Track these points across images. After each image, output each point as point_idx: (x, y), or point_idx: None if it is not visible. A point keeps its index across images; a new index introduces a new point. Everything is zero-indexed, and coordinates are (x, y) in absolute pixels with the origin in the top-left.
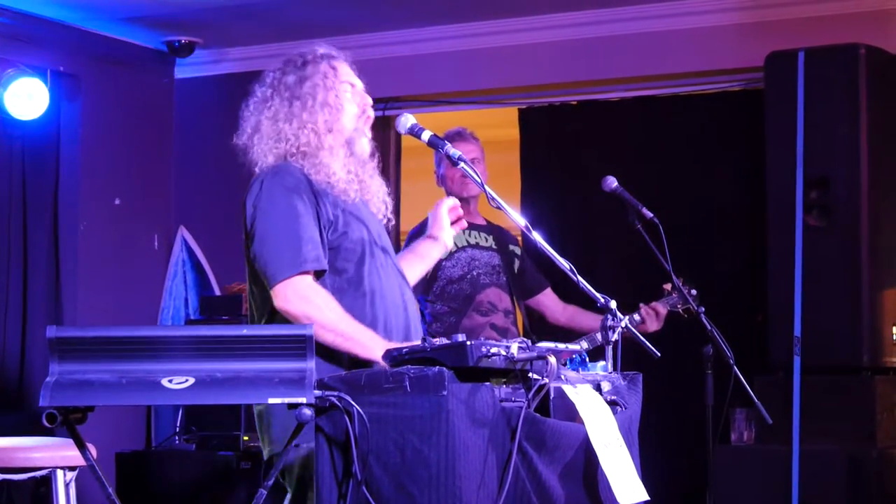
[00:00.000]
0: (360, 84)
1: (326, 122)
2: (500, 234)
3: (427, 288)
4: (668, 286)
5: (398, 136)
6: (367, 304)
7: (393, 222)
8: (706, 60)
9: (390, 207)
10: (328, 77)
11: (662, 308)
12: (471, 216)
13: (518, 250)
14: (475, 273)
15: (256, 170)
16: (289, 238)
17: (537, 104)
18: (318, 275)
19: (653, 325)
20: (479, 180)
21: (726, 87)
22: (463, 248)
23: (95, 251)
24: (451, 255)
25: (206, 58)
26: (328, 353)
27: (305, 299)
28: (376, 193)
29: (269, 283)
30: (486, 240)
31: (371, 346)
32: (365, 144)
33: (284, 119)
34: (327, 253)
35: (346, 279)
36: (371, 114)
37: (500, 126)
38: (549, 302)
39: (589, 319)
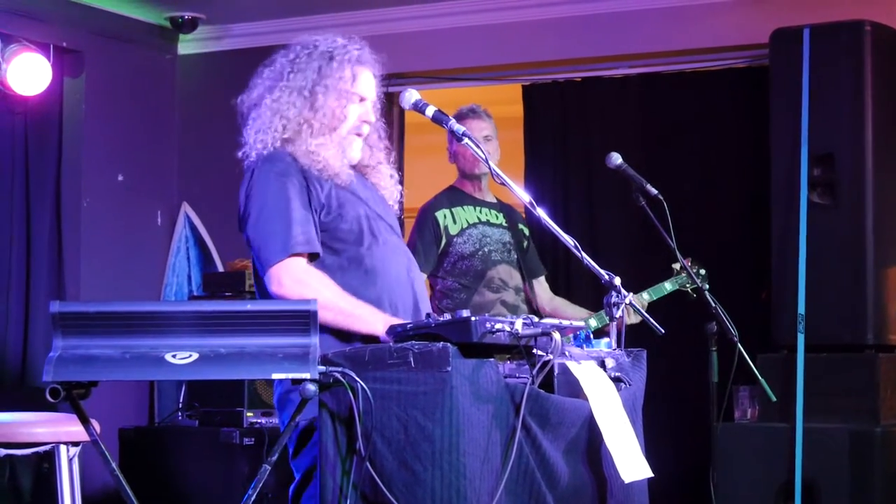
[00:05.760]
0: (371, 97)
1: (324, 125)
2: (510, 213)
3: (437, 264)
4: (676, 265)
5: (402, 112)
6: (370, 282)
7: (399, 207)
8: (711, 37)
9: (399, 193)
10: (345, 82)
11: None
12: (482, 193)
13: (526, 230)
14: (486, 249)
15: (240, 152)
16: (279, 222)
17: (541, 81)
18: (313, 257)
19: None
20: (483, 156)
21: (731, 63)
22: (474, 224)
23: (98, 228)
24: (462, 231)
25: (210, 34)
26: (339, 334)
27: (300, 282)
28: (384, 179)
29: (262, 269)
30: (497, 217)
31: (372, 321)
32: (356, 151)
33: (287, 106)
34: (319, 235)
35: (346, 258)
36: (364, 131)
37: (504, 103)
38: (539, 290)
39: (573, 313)
